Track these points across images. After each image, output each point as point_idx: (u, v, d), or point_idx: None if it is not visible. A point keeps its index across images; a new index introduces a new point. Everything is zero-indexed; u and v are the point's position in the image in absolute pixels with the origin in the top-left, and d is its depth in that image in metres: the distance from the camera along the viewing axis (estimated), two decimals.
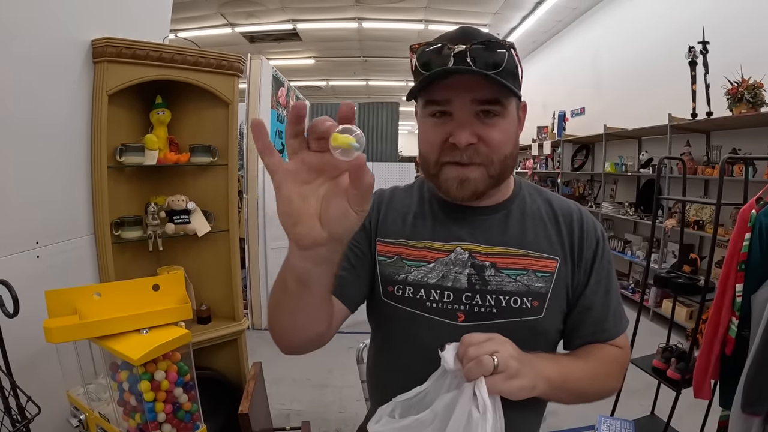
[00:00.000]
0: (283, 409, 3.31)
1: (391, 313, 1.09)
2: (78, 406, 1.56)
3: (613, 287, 1.10)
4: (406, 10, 8.45)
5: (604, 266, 1.09)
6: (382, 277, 1.11)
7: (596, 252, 1.08)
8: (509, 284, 1.03)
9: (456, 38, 0.94)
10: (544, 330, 1.05)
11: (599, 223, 1.13)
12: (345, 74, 13.42)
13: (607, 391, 1.06)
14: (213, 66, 2.35)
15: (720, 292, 2.11)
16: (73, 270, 2.02)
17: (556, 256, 1.06)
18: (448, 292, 1.05)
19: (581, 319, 1.08)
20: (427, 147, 1.01)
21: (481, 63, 0.91)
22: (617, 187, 6.95)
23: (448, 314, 1.04)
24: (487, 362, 0.78)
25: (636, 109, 6.21)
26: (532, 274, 1.04)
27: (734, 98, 4.21)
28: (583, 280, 1.07)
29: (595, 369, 1.02)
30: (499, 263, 1.04)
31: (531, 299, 1.03)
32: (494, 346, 0.81)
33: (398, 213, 1.16)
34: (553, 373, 0.89)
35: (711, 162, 4.87)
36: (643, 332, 2.99)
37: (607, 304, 1.08)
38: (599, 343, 1.08)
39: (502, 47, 0.93)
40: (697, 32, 4.58)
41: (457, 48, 0.91)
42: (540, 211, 1.11)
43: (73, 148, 2.03)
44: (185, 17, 8.33)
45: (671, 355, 2.64)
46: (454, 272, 1.05)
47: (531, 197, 1.14)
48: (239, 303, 2.59)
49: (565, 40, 9.03)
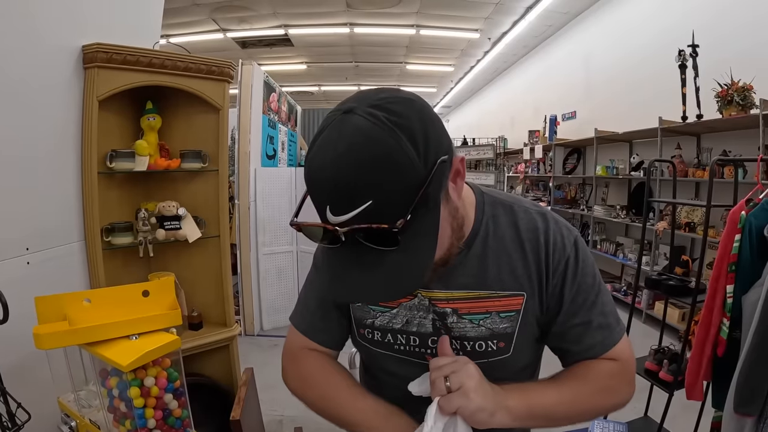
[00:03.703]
0: (276, 415, 3.30)
1: (367, 352, 1.12)
2: (69, 412, 1.55)
3: (594, 300, 1.01)
4: (397, 16, 8.48)
5: (579, 283, 1.00)
6: (354, 319, 1.11)
7: (565, 273, 0.99)
8: (472, 330, 0.99)
9: (335, 200, 0.75)
10: (514, 364, 1.02)
11: (571, 233, 1.02)
12: (337, 79, 13.45)
13: (606, 406, 1.03)
14: (203, 72, 2.34)
15: (711, 293, 2.12)
16: (64, 276, 2.01)
17: (522, 291, 0.99)
18: (414, 337, 1.03)
19: (562, 341, 1.03)
20: None
21: (373, 239, 0.76)
22: (609, 191, 6.99)
23: (416, 356, 1.04)
24: (438, 384, 0.81)
25: (627, 113, 6.27)
26: (496, 315, 0.99)
27: (724, 100, 4.25)
28: (554, 305, 1.00)
29: (577, 389, 0.96)
30: (461, 309, 0.99)
31: (496, 341, 0.99)
32: (453, 367, 0.83)
33: None
34: (515, 403, 0.86)
35: (701, 164, 4.91)
36: (636, 334, 3.00)
37: (587, 321, 1.00)
38: (589, 360, 1.01)
39: (389, 225, 0.73)
40: (687, 35, 4.62)
41: (341, 231, 0.75)
42: (504, 240, 1.00)
43: (64, 153, 2.03)
44: (177, 23, 8.33)
45: (663, 356, 2.65)
46: (418, 317, 1.02)
47: (495, 221, 1.01)
48: (230, 309, 2.59)
49: (556, 44, 9.09)
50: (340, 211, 0.74)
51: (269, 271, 5.09)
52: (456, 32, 9.12)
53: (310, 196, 0.80)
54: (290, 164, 6.50)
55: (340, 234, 0.75)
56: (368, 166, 0.72)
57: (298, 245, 5.21)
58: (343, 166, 0.73)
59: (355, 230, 0.74)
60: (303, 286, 1.21)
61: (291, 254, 5.22)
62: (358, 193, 0.73)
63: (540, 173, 8.82)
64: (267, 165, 5.32)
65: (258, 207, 4.93)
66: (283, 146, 6.14)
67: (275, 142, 5.70)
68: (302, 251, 5.17)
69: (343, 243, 0.77)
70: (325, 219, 0.77)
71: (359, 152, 0.73)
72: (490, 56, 10.44)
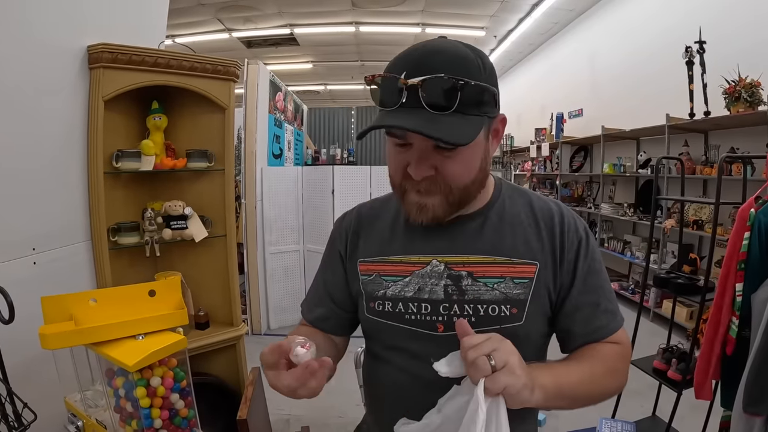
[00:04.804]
0: (283, 414, 3.30)
1: (376, 327, 1.13)
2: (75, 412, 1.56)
3: (602, 285, 1.07)
4: (403, 14, 8.46)
5: (590, 264, 1.06)
6: (365, 294, 1.13)
7: (579, 251, 1.06)
8: (486, 293, 1.02)
9: (412, 66, 0.88)
10: (526, 335, 1.03)
11: (582, 221, 1.11)
12: (343, 78, 13.43)
13: (612, 389, 1.04)
14: (209, 71, 2.35)
15: (720, 291, 2.10)
16: (70, 276, 2.02)
17: (535, 261, 1.04)
18: (426, 304, 1.05)
19: (571, 321, 1.06)
20: (392, 171, 1.02)
21: (436, 98, 0.87)
22: (616, 188, 6.95)
23: (427, 325, 1.05)
24: (482, 363, 0.77)
25: (634, 110, 6.21)
26: (510, 281, 1.03)
27: (732, 97, 4.21)
28: (568, 282, 1.05)
29: (592, 370, 0.99)
30: (476, 272, 1.04)
31: (509, 306, 1.02)
32: (492, 344, 0.80)
33: (376, 230, 1.18)
34: (548, 381, 0.87)
35: (709, 161, 4.87)
36: (644, 333, 2.98)
37: (596, 302, 1.06)
38: (594, 343, 1.06)
39: (460, 79, 0.87)
40: (693, 32, 4.59)
41: (410, 82, 0.87)
42: (519, 215, 1.09)
43: (70, 153, 2.03)
44: (182, 23, 8.34)
45: (672, 355, 2.63)
46: (430, 284, 1.05)
47: (511, 200, 1.12)
48: (237, 308, 2.59)
49: (562, 41, 9.03)
50: (414, 74, 0.87)
51: (276, 270, 5.08)
52: (462, 30, 9.06)
53: (383, 75, 0.93)
54: (297, 163, 6.50)
55: (407, 90, 0.87)
56: (447, 53, 0.90)
57: (305, 244, 5.21)
58: (427, 47, 0.92)
59: (426, 81, 0.86)
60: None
61: (298, 253, 5.22)
62: (434, 66, 0.87)
63: (547, 171, 8.79)
64: (273, 164, 5.32)
65: (264, 206, 4.93)
66: (290, 145, 6.14)
67: (281, 141, 5.70)
68: (309, 250, 5.17)
69: (402, 106, 0.88)
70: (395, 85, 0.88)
71: (441, 43, 0.93)
72: (496, 54, 10.39)
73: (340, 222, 1.27)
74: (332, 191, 4.81)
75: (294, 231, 5.17)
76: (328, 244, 1.27)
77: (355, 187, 4.83)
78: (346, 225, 1.24)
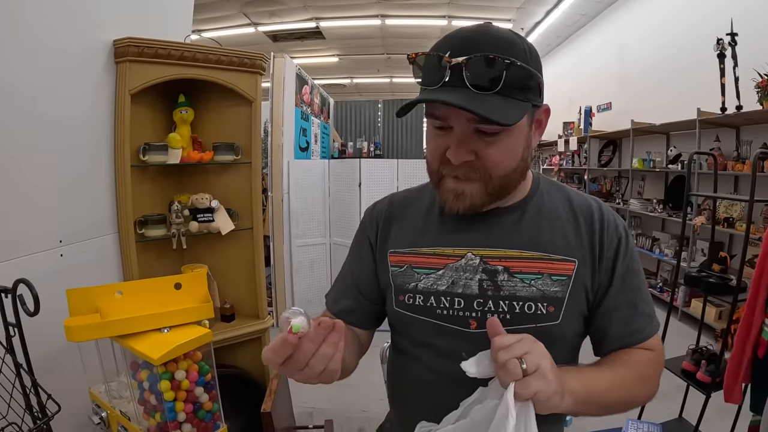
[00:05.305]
0: (306, 407, 3.31)
1: (405, 322, 1.09)
2: (99, 403, 1.57)
3: (640, 286, 1.03)
4: (429, 6, 8.40)
5: (628, 264, 1.02)
6: (395, 286, 1.10)
7: (618, 250, 1.02)
8: (523, 289, 0.99)
9: (457, 46, 0.87)
10: (561, 335, 1.00)
11: (621, 219, 1.07)
12: (369, 71, 13.42)
13: (643, 397, 1.01)
14: (235, 64, 2.34)
15: (753, 292, 2.04)
16: (97, 268, 2.03)
17: (573, 258, 1.00)
18: (459, 299, 1.02)
19: (607, 322, 1.02)
20: (430, 156, 0.99)
21: (479, 78, 0.85)
22: (645, 184, 6.82)
23: (459, 321, 1.01)
24: (513, 366, 0.74)
25: (663, 104, 6.08)
26: (548, 278, 0.99)
27: (765, 91, 4.08)
28: (606, 281, 1.01)
29: (624, 376, 0.96)
30: (513, 267, 1.00)
31: (546, 305, 0.98)
32: (524, 347, 0.76)
33: (408, 220, 1.15)
34: (577, 387, 0.84)
35: (741, 157, 4.73)
36: (672, 333, 2.92)
37: (633, 303, 1.02)
38: (628, 348, 1.02)
39: (506, 58, 0.85)
40: (725, 24, 4.46)
41: (454, 61, 0.85)
42: (558, 210, 1.05)
43: (97, 147, 2.05)
44: (208, 17, 8.41)
45: (701, 357, 2.56)
46: (464, 278, 1.02)
47: (549, 194, 1.08)
48: (263, 301, 2.59)
49: (590, 33, 8.86)
50: (459, 54, 0.85)
51: (302, 263, 5.10)
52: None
53: (426, 54, 0.92)
54: (323, 156, 6.51)
55: (450, 69, 0.86)
56: (493, 35, 0.89)
57: (332, 237, 5.21)
58: (473, 29, 0.91)
59: (471, 60, 0.84)
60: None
61: (324, 246, 5.22)
62: (479, 46, 0.86)
63: (575, 166, 8.65)
64: (300, 157, 5.33)
65: (291, 199, 4.94)
66: (316, 138, 6.15)
67: (308, 135, 5.71)
68: (335, 243, 5.17)
69: (444, 85, 0.87)
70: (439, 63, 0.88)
71: (487, 27, 0.91)
72: None
73: (371, 210, 1.24)
74: (359, 184, 4.79)
75: (320, 224, 5.17)
76: (358, 233, 1.24)
77: (382, 181, 4.80)
78: (377, 214, 1.21)
